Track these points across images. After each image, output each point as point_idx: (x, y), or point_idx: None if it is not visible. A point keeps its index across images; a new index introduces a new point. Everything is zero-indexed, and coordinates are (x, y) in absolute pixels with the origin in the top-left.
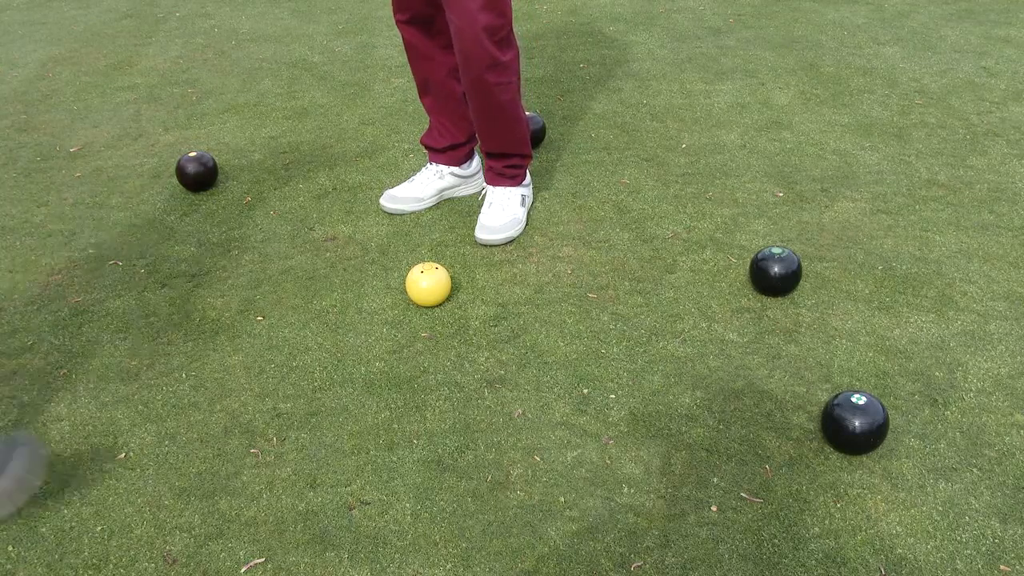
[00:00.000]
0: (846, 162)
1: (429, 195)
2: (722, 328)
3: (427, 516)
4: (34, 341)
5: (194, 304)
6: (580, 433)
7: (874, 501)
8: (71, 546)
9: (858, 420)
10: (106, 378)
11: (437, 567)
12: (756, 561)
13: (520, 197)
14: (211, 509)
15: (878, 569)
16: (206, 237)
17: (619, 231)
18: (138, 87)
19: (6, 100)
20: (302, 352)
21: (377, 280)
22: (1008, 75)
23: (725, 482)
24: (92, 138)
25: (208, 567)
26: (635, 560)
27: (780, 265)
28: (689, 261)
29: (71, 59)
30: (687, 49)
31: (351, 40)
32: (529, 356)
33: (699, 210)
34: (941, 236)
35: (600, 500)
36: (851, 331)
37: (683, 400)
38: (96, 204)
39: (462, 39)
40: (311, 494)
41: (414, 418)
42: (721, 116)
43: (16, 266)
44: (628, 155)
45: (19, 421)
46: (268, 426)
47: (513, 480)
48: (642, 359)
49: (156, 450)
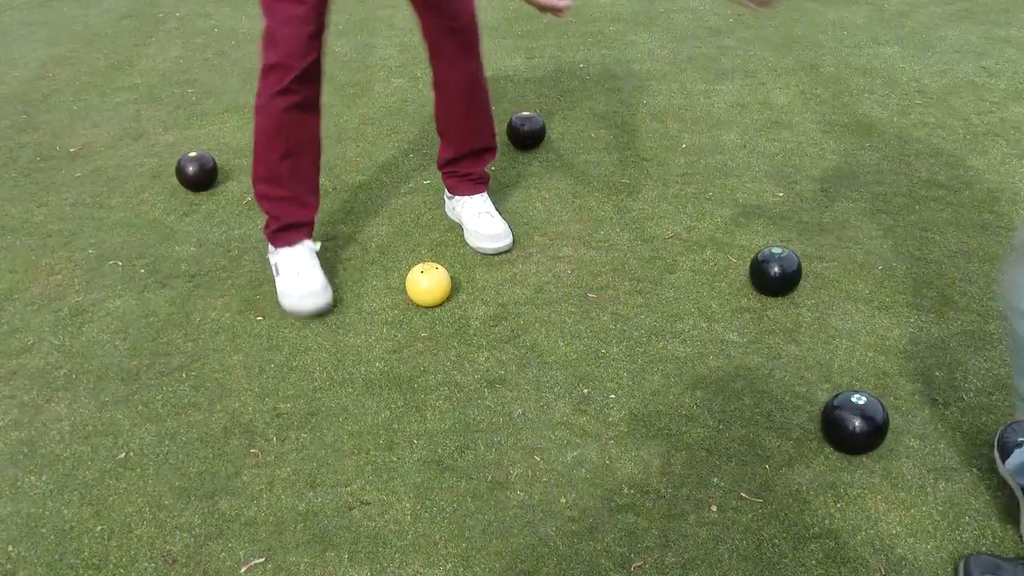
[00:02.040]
0: (846, 162)
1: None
2: (722, 328)
3: (427, 516)
4: (34, 341)
5: (194, 304)
6: (580, 433)
7: (874, 501)
8: (71, 546)
9: (858, 420)
10: (106, 378)
11: (437, 567)
12: (756, 561)
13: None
14: (211, 509)
15: (878, 569)
16: (206, 237)
17: (619, 231)
18: (138, 87)
19: (6, 100)
20: (302, 352)
21: (377, 280)
22: (1008, 75)
23: (725, 482)
24: (92, 138)
25: (208, 567)
26: (635, 560)
27: (780, 265)
28: (689, 261)
29: (71, 59)
30: (687, 49)
31: (351, 40)
32: (529, 356)
33: (699, 210)
34: (941, 236)
35: (600, 500)
36: (851, 331)
37: (683, 400)
38: (96, 204)
39: (467, 29)
40: (311, 494)
41: (414, 418)
42: (721, 116)
43: (16, 266)
44: (628, 155)
45: (19, 421)
46: (268, 426)
47: (513, 480)
48: (642, 359)
49: (156, 450)
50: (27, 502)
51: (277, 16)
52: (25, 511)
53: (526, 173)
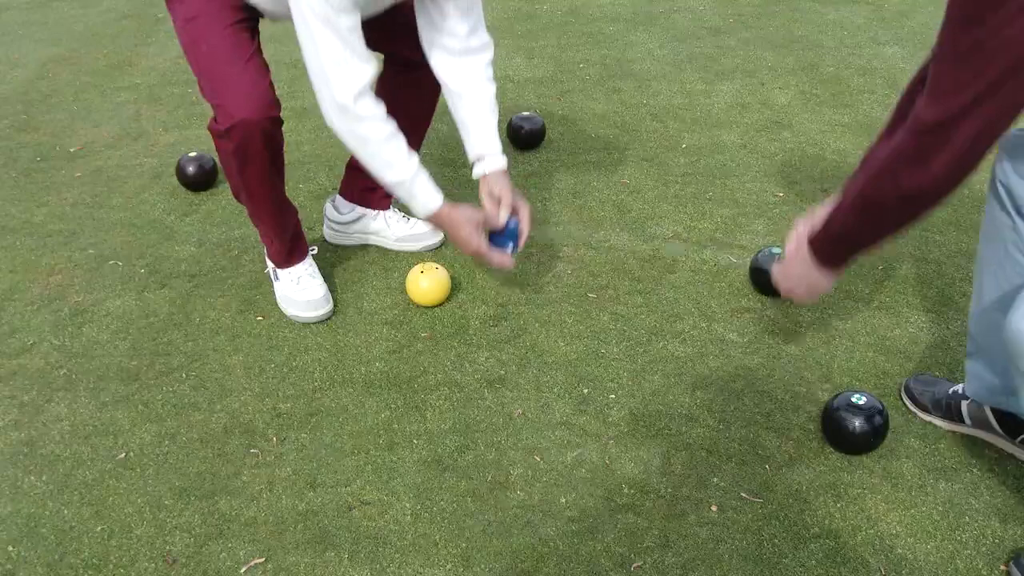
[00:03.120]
0: (846, 162)
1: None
2: (722, 328)
3: (427, 516)
4: (34, 341)
5: (194, 304)
6: (580, 433)
7: (874, 501)
8: (71, 546)
9: (858, 420)
10: (106, 378)
11: (437, 567)
12: (756, 561)
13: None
14: (211, 509)
15: (878, 569)
16: (206, 237)
17: (619, 231)
18: (138, 87)
19: (6, 100)
20: (302, 352)
21: (377, 280)
22: None
23: (725, 482)
24: (92, 138)
25: (208, 567)
26: (635, 560)
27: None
28: (689, 261)
29: (71, 59)
30: (687, 49)
31: None
32: (529, 356)
33: (699, 210)
34: (941, 236)
35: (600, 500)
36: (851, 331)
37: (683, 400)
38: (96, 204)
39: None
40: (311, 494)
41: (414, 418)
42: (721, 116)
43: (16, 266)
44: (628, 155)
45: (19, 421)
46: (268, 426)
47: (513, 480)
48: (642, 359)
49: (156, 450)
50: (27, 502)
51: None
52: (25, 511)
53: (526, 173)
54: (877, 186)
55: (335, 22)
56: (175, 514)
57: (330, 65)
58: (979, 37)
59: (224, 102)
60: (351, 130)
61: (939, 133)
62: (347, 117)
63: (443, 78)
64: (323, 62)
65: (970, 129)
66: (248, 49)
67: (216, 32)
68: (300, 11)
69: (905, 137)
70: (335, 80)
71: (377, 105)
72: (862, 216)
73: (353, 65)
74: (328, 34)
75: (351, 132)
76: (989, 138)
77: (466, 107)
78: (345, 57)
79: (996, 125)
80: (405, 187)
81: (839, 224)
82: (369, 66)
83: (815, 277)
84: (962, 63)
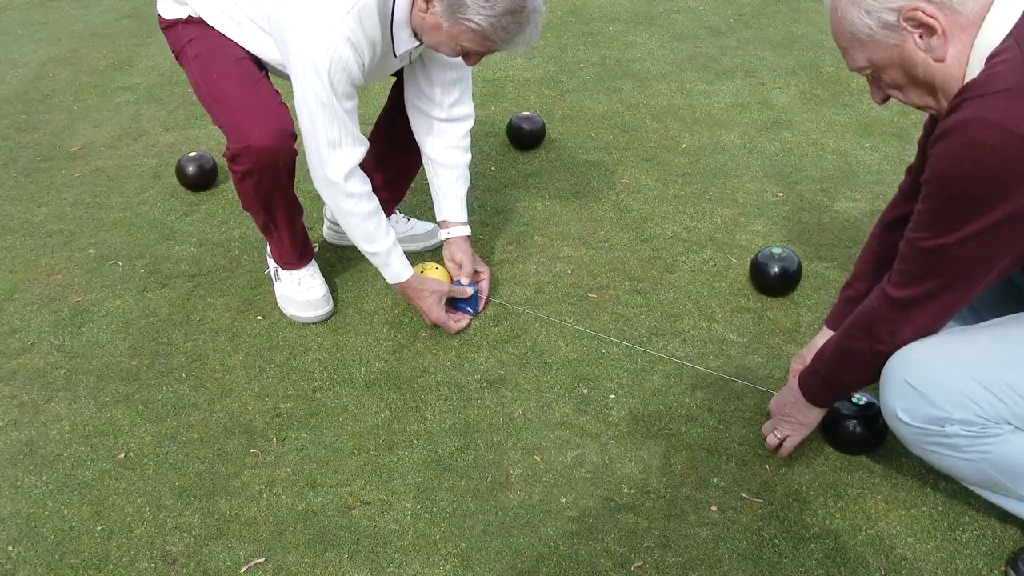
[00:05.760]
0: (846, 162)
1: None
2: (722, 328)
3: (427, 516)
4: (34, 341)
5: (194, 304)
6: (580, 433)
7: (874, 501)
8: (71, 546)
9: (858, 420)
10: (106, 378)
11: (437, 567)
12: (756, 561)
13: None
14: (211, 509)
15: (878, 569)
16: (206, 237)
17: (619, 231)
18: (138, 87)
19: (6, 100)
20: (302, 352)
21: (377, 280)
22: None
23: (725, 482)
24: (92, 138)
25: (208, 567)
26: (635, 560)
27: (780, 265)
28: (689, 261)
29: (71, 59)
30: (687, 49)
31: None
32: (529, 356)
33: (699, 210)
34: None
35: (600, 500)
36: None
37: (683, 400)
38: (96, 204)
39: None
40: (311, 494)
41: (414, 418)
42: (721, 116)
43: (16, 266)
44: (628, 155)
45: (19, 421)
46: (268, 426)
47: (513, 480)
48: (642, 359)
49: (156, 450)
50: (27, 502)
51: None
52: (25, 511)
53: (526, 173)
54: (853, 338)
55: (336, 106)
56: (175, 514)
57: (325, 147)
58: (941, 245)
59: (237, 123)
60: (337, 203)
61: (904, 310)
62: (335, 191)
63: (421, 141)
64: (319, 143)
65: (931, 311)
66: (257, 74)
67: (228, 62)
68: (303, 92)
69: (875, 305)
70: (328, 160)
71: (363, 183)
72: (840, 363)
73: (347, 148)
74: (328, 117)
75: (336, 204)
76: (947, 317)
77: (440, 175)
78: (341, 140)
79: (952, 310)
80: (380, 258)
81: (823, 368)
82: (362, 148)
83: (804, 411)
84: (924, 263)
